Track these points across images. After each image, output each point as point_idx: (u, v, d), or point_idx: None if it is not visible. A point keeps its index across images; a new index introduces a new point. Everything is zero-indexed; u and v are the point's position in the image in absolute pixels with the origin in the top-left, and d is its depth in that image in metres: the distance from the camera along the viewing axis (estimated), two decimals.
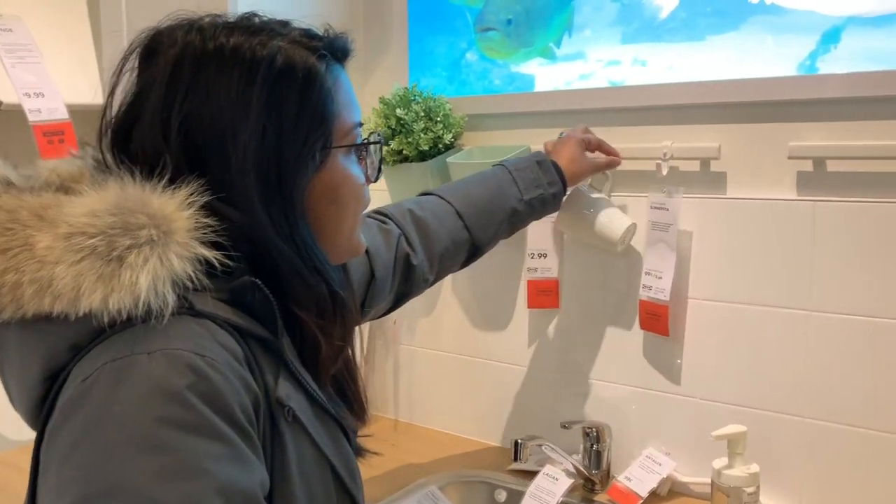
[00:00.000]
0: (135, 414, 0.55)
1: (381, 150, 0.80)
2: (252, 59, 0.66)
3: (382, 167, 0.80)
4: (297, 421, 0.66)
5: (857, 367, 1.16)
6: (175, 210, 0.62)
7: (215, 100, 0.65)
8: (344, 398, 0.79)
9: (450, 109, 1.46)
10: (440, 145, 1.45)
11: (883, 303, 1.14)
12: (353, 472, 0.73)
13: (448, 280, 1.60)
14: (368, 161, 0.77)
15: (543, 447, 1.27)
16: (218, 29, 0.67)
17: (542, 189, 1.18)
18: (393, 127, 1.45)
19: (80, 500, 0.54)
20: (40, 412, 0.64)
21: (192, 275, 0.61)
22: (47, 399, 0.63)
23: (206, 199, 0.63)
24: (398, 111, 1.43)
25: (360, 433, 0.83)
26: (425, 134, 1.42)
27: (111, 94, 0.69)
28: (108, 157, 0.68)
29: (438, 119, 1.43)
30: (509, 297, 1.52)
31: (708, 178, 1.28)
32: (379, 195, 1.63)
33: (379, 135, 0.79)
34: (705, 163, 1.28)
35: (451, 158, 1.44)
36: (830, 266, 1.17)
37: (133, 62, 0.69)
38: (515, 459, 1.24)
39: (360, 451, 0.80)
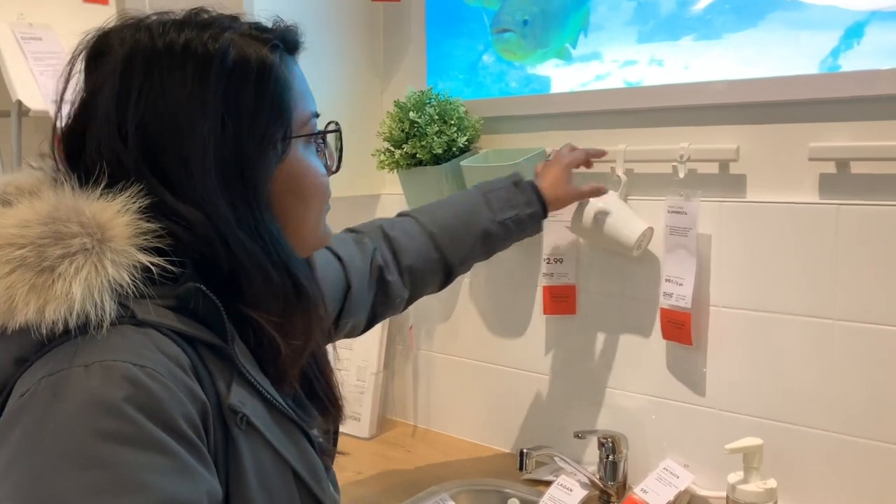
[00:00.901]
0: (70, 428, 0.54)
1: (339, 138, 0.78)
2: (205, 53, 0.65)
3: (342, 156, 0.79)
4: (253, 427, 0.64)
5: (882, 379, 1.10)
6: (112, 217, 0.60)
7: (171, 97, 0.64)
8: (315, 397, 0.77)
9: (464, 112, 1.44)
10: (454, 148, 1.43)
11: None
12: (318, 476, 0.70)
13: (465, 285, 1.58)
14: (327, 151, 0.76)
15: (555, 458, 1.24)
16: (167, 25, 0.66)
17: (517, 210, 1.17)
18: (407, 130, 1.43)
19: None
20: None
21: (131, 282, 0.59)
22: None
23: (145, 202, 0.62)
24: (412, 114, 1.42)
25: (340, 430, 0.82)
26: (439, 137, 1.41)
27: (60, 99, 0.68)
28: (62, 165, 0.67)
29: (452, 122, 1.42)
30: (526, 303, 1.49)
31: (726, 180, 1.23)
32: (395, 199, 1.62)
33: (336, 124, 0.77)
34: (724, 165, 1.23)
35: (466, 162, 1.42)
36: (855, 273, 1.12)
37: (80, 65, 0.68)
38: (521, 469, 1.21)
39: (325, 451, 0.77)
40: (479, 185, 1.21)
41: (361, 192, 1.69)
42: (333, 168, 0.77)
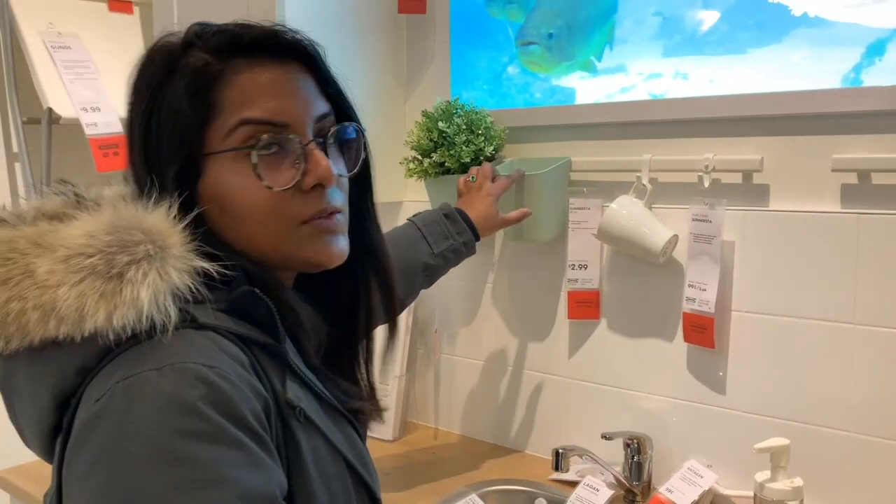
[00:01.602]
0: (151, 428, 0.56)
1: (327, 146, 0.72)
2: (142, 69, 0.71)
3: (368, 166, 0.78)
4: (309, 420, 0.67)
5: None
6: (169, 225, 0.63)
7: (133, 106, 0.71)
8: (353, 389, 0.80)
9: (491, 122, 1.48)
10: (481, 157, 1.47)
11: None
12: (367, 464, 0.74)
13: (488, 290, 1.62)
14: (286, 162, 0.69)
15: (584, 457, 1.28)
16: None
17: (452, 240, 1.25)
18: (435, 140, 1.47)
19: None
20: (53, 442, 0.65)
21: (192, 286, 0.62)
22: (59, 427, 0.64)
23: (196, 211, 0.65)
24: (440, 124, 1.46)
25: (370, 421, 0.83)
26: (467, 146, 1.45)
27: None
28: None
29: (480, 132, 1.46)
30: (549, 308, 1.53)
31: (750, 190, 1.28)
32: (417, 207, 1.65)
33: (263, 139, 0.67)
34: (747, 175, 1.28)
35: None
36: (875, 279, 1.17)
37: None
38: (556, 469, 1.25)
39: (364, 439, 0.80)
40: (413, 220, 1.27)
41: (384, 200, 1.71)
42: (275, 185, 0.68)
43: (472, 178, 1.36)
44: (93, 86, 1.70)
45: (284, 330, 0.68)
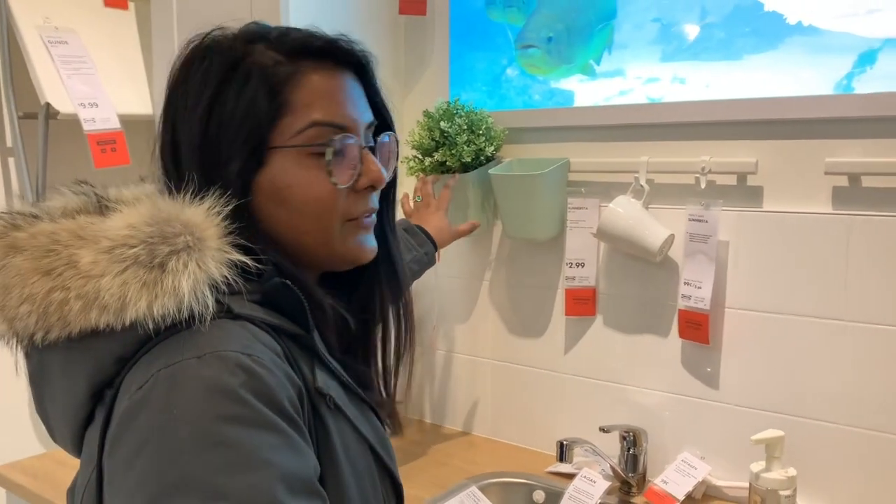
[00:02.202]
0: (195, 414, 0.57)
1: (375, 151, 0.76)
2: (209, 62, 0.71)
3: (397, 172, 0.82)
4: (337, 408, 0.69)
5: (889, 374, 1.21)
6: (204, 219, 0.65)
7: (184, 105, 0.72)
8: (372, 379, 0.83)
9: (492, 123, 1.52)
10: (482, 157, 1.50)
11: None
12: (388, 448, 0.77)
13: (484, 288, 1.65)
14: (340, 163, 0.72)
15: (584, 448, 1.31)
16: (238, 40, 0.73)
17: (415, 251, 1.36)
18: (437, 139, 1.50)
19: (152, 499, 0.56)
20: (83, 434, 0.67)
21: (229, 278, 0.64)
22: (91, 419, 0.66)
23: (231, 206, 0.67)
24: (442, 124, 1.48)
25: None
26: (468, 146, 1.48)
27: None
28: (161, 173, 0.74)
29: (481, 132, 1.49)
30: (546, 305, 1.57)
31: (745, 191, 1.33)
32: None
33: (335, 140, 0.71)
34: (742, 177, 1.33)
35: (494, 170, 1.50)
36: (865, 278, 1.22)
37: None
38: (561, 460, 1.29)
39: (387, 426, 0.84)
40: None
41: None
42: (339, 182, 0.72)
43: (418, 198, 1.49)
44: (90, 81, 1.70)
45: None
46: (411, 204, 1.52)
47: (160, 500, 0.56)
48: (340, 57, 0.75)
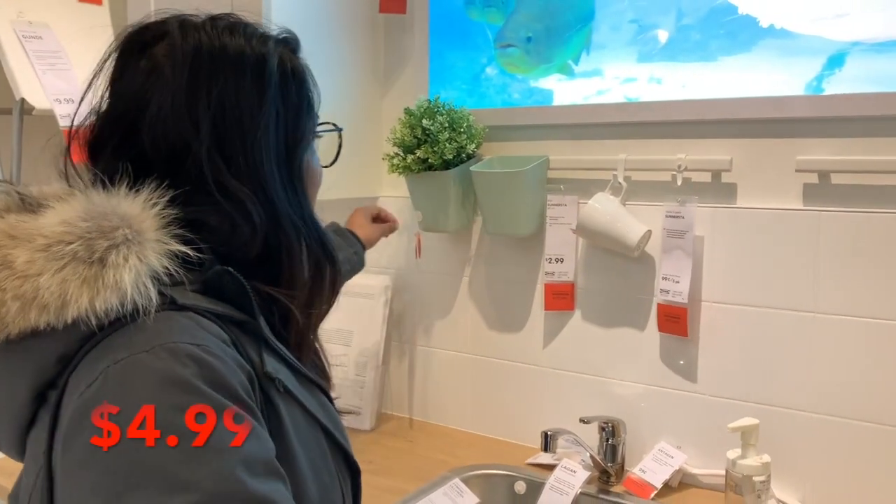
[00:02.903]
0: (150, 407, 0.57)
1: (339, 136, 0.90)
2: (259, 59, 0.73)
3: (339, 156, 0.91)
4: (287, 390, 0.70)
5: (858, 364, 1.26)
6: (141, 210, 0.64)
7: (236, 95, 0.71)
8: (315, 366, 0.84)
9: (472, 121, 1.54)
10: (463, 154, 1.53)
11: (882, 305, 1.24)
12: (340, 427, 0.78)
13: (465, 284, 1.67)
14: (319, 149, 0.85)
15: (567, 438, 1.35)
16: (219, 28, 0.73)
17: (344, 251, 1.43)
18: (419, 137, 1.52)
19: (113, 496, 0.56)
20: (25, 438, 0.66)
21: (171, 269, 0.64)
22: (35, 421, 0.65)
23: (167, 199, 0.66)
24: (424, 121, 1.50)
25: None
26: (450, 143, 1.50)
27: (87, 91, 0.74)
28: (87, 161, 0.72)
29: (462, 130, 1.51)
30: (525, 300, 1.60)
31: (719, 188, 1.37)
32: (393, 202, 1.71)
33: (336, 125, 0.88)
34: (716, 174, 1.37)
35: (476, 167, 1.52)
36: (833, 271, 1.27)
37: (112, 61, 0.73)
38: (545, 449, 1.32)
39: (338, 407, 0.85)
40: None
41: (360, 195, 1.76)
42: (326, 163, 0.87)
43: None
44: (66, 76, 1.68)
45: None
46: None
47: (120, 497, 0.55)
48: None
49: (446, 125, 1.50)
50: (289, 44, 0.78)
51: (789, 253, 1.31)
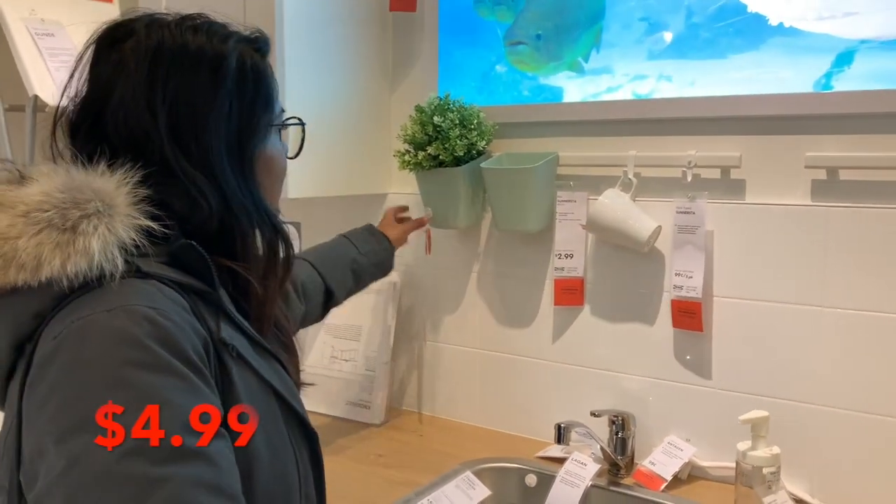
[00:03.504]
0: (102, 359, 0.64)
1: (303, 130, 0.95)
2: (216, 56, 0.79)
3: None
4: (241, 357, 0.76)
5: (866, 357, 1.28)
6: (115, 188, 0.71)
7: (192, 88, 0.78)
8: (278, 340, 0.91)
9: (483, 118, 1.55)
10: (473, 151, 1.54)
11: (890, 299, 1.26)
12: (293, 392, 0.84)
13: (473, 279, 1.69)
14: (284, 141, 0.92)
15: (579, 430, 1.36)
16: (182, 27, 0.79)
17: (373, 245, 1.50)
18: (430, 133, 1.53)
19: (62, 433, 0.63)
20: (6, 387, 0.73)
21: (137, 240, 0.71)
22: (13, 373, 0.72)
23: (137, 178, 0.73)
24: (435, 118, 1.52)
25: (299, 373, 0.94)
26: (461, 140, 1.51)
27: (69, 81, 0.80)
28: (68, 143, 0.78)
29: (473, 126, 1.53)
30: (534, 295, 1.62)
31: (728, 184, 1.39)
32: (401, 199, 1.72)
33: (300, 119, 0.94)
34: (725, 170, 1.39)
35: (486, 164, 1.54)
36: (842, 266, 1.29)
37: (89, 54, 0.80)
38: (559, 442, 1.33)
39: (297, 384, 0.91)
40: (340, 234, 1.52)
41: (369, 191, 1.77)
42: (291, 155, 0.93)
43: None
44: None
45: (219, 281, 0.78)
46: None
47: (68, 435, 0.62)
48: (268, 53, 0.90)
49: (457, 122, 1.52)
50: (255, 42, 0.84)
51: (798, 248, 1.32)
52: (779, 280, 1.34)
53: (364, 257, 1.48)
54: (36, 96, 1.63)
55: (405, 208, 1.64)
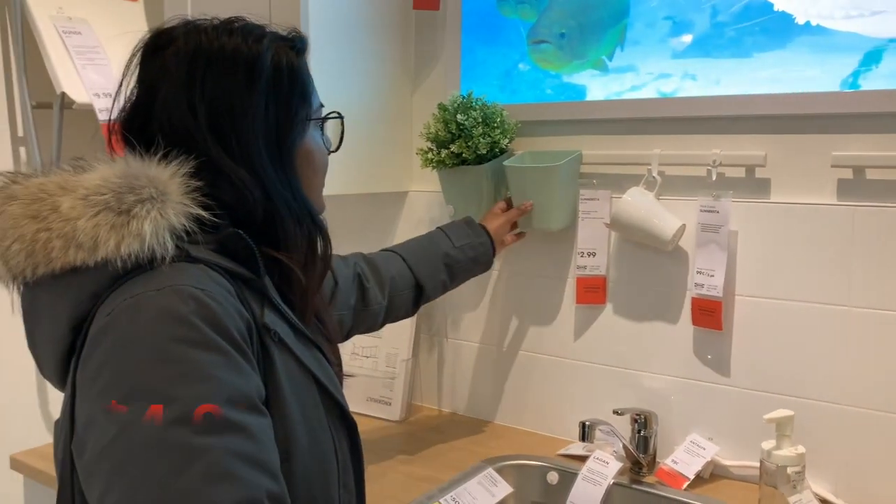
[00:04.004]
0: (151, 335, 0.68)
1: (342, 125, 1.00)
2: (251, 56, 0.84)
3: (343, 142, 1.00)
4: (283, 342, 0.79)
5: (891, 357, 1.27)
6: (169, 178, 0.76)
7: (230, 87, 0.82)
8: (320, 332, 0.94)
9: (506, 116, 1.56)
10: (496, 149, 1.55)
11: None
12: (334, 381, 0.87)
13: (493, 278, 1.70)
14: (326, 135, 0.96)
15: (603, 429, 1.36)
16: (218, 30, 0.84)
17: (470, 238, 1.45)
18: (453, 131, 1.54)
19: (111, 404, 0.66)
20: (66, 366, 0.77)
21: (187, 226, 0.75)
22: (72, 351, 0.75)
23: (192, 167, 0.78)
24: (459, 116, 1.52)
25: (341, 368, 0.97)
26: (484, 138, 1.52)
27: (119, 87, 0.85)
28: (122, 140, 0.83)
29: (496, 125, 1.53)
30: (556, 293, 1.62)
31: (752, 183, 1.39)
32: (422, 196, 1.73)
33: (339, 113, 0.99)
34: (750, 169, 1.39)
35: (508, 162, 1.54)
36: (867, 266, 1.28)
37: (137, 59, 0.85)
38: (583, 440, 1.33)
39: (339, 376, 0.94)
40: (438, 227, 1.48)
41: (390, 189, 1.78)
42: (332, 148, 0.98)
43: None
44: (103, 72, 1.71)
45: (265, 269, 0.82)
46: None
47: (117, 405, 0.66)
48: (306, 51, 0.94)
49: (480, 120, 1.52)
50: (290, 41, 0.89)
51: (823, 248, 1.32)
52: (803, 279, 1.34)
53: (459, 251, 1.43)
54: (63, 93, 1.65)
55: (510, 200, 1.56)
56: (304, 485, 0.78)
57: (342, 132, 1.01)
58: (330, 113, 0.96)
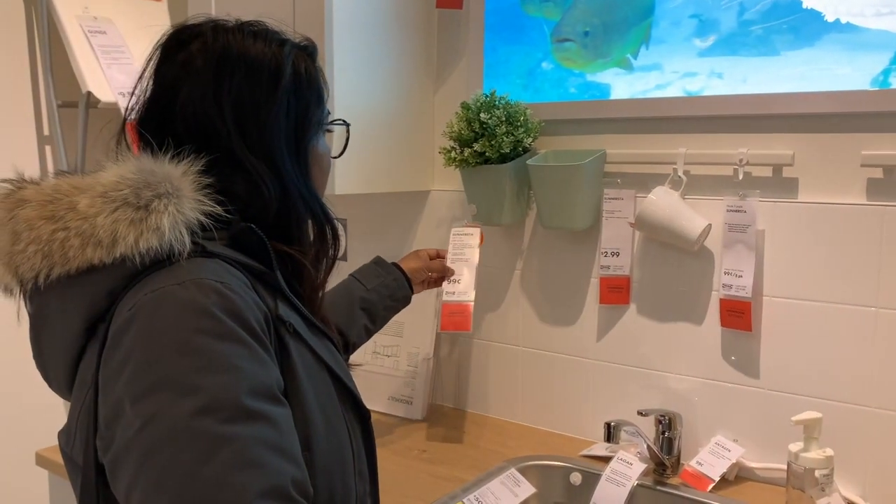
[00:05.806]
0: (174, 327, 0.69)
1: (347, 131, 1.04)
2: (277, 62, 0.86)
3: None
4: (297, 334, 0.81)
5: None
6: (181, 175, 0.77)
7: (255, 90, 0.84)
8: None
9: (529, 114, 1.55)
10: (520, 148, 1.54)
11: None
12: (348, 374, 0.89)
13: (517, 277, 1.69)
14: (329, 142, 0.98)
15: (627, 430, 1.36)
16: (244, 33, 0.86)
17: (382, 278, 1.44)
18: (476, 130, 1.53)
19: (137, 395, 0.67)
20: (74, 373, 0.78)
21: (203, 221, 0.76)
22: (81, 356, 0.76)
23: (201, 167, 0.78)
24: (482, 115, 1.52)
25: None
26: (507, 137, 1.51)
27: (140, 78, 0.86)
28: (137, 136, 0.84)
29: (519, 123, 1.52)
30: (578, 293, 1.61)
31: (780, 182, 1.37)
32: (444, 195, 1.73)
33: (344, 121, 1.03)
34: (777, 169, 1.37)
35: (532, 161, 1.53)
36: None
37: (157, 55, 0.86)
38: (608, 440, 1.33)
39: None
40: (350, 274, 1.46)
41: (412, 188, 1.78)
42: (335, 154, 1.02)
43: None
44: (128, 71, 1.72)
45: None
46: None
47: (143, 397, 0.67)
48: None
49: (503, 119, 1.52)
50: (306, 49, 0.91)
51: (852, 248, 1.30)
52: (832, 280, 1.33)
53: (373, 292, 1.42)
54: (89, 93, 1.66)
55: (443, 253, 1.55)
56: (324, 473, 0.79)
57: (347, 139, 1.04)
58: (336, 120, 1.00)
